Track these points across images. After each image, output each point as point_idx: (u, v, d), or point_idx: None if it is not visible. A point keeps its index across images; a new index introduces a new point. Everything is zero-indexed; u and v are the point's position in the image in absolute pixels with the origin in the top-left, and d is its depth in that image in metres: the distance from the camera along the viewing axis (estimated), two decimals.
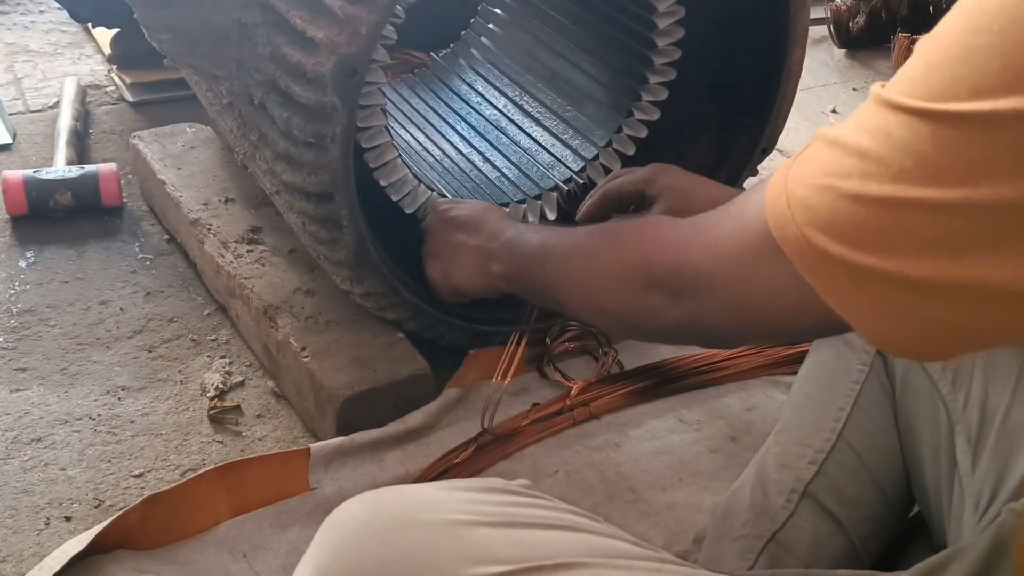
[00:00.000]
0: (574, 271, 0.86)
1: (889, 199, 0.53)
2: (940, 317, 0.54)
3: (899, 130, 0.53)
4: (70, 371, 1.28)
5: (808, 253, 0.57)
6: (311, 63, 0.98)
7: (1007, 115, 0.49)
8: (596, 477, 1.16)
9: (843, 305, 0.58)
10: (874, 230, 0.54)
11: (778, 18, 1.24)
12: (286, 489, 1.07)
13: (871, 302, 0.56)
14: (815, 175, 0.57)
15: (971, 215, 0.51)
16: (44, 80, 1.97)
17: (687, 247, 0.70)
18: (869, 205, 0.54)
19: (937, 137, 0.51)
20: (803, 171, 0.59)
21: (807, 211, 0.57)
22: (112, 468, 1.14)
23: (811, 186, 0.57)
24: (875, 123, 0.55)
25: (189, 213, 1.41)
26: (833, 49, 2.46)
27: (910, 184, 0.52)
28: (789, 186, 0.59)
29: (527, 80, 1.55)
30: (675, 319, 0.72)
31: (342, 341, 1.19)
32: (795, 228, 0.58)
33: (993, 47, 0.50)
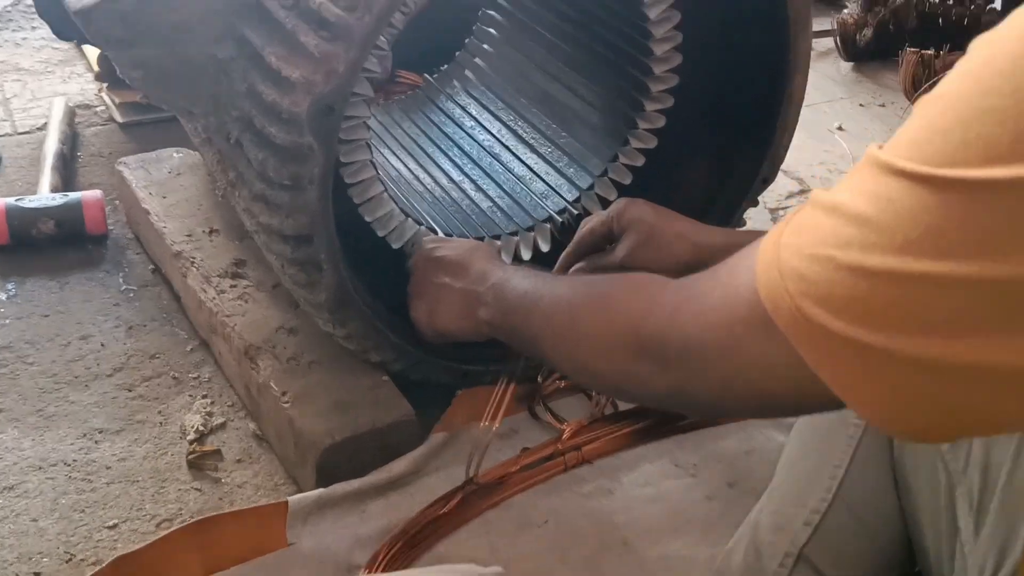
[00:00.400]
0: (559, 328, 0.82)
1: (894, 272, 0.49)
2: (949, 400, 0.50)
3: (903, 197, 0.49)
4: (46, 412, 1.24)
5: (803, 327, 0.53)
6: (286, 102, 0.94)
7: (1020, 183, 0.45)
8: (587, 526, 1.12)
9: (841, 384, 0.54)
10: (877, 305, 0.50)
11: (778, 44, 1.19)
12: (262, 545, 1.02)
13: (872, 381, 0.52)
14: (811, 244, 0.53)
15: (985, 292, 0.47)
16: (33, 100, 1.94)
17: (676, 315, 0.66)
18: (871, 278, 0.50)
19: (946, 206, 0.47)
20: (797, 239, 0.55)
21: (802, 282, 0.53)
22: (85, 519, 1.10)
23: (806, 256, 0.53)
24: (875, 188, 0.51)
25: (172, 245, 1.37)
26: (840, 63, 2.40)
27: (917, 256, 0.48)
28: (782, 254, 0.55)
29: (521, 103, 1.51)
30: (663, 388, 0.68)
31: (324, 384, 1.15)
32: (789, 300, 0.54)
33: (1006, 110, 0.46)
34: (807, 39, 1.19)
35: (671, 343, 0.66)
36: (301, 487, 1.14)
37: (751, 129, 1.29)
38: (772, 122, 1.25)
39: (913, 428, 0.53)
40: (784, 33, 1.17)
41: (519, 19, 1.51)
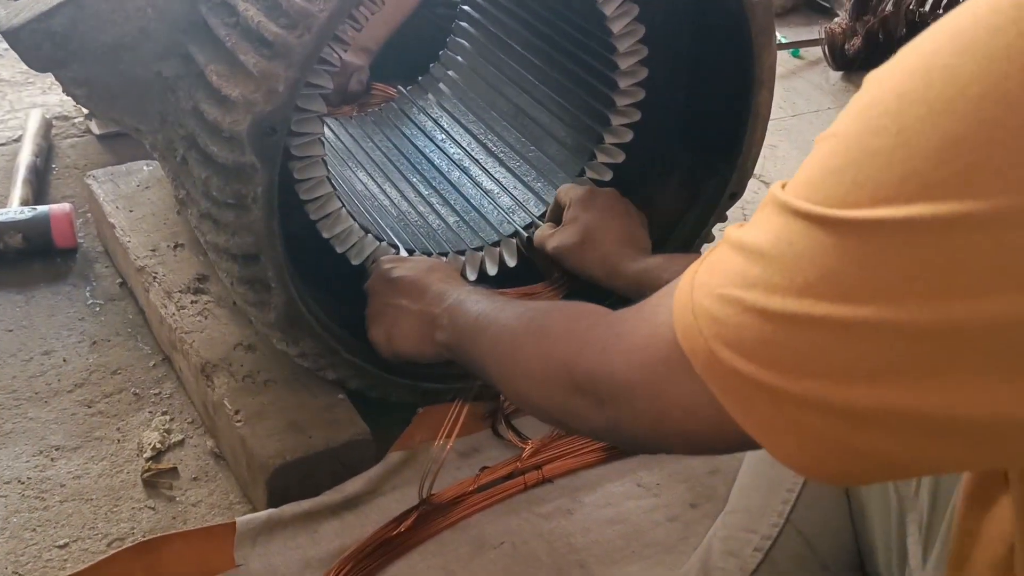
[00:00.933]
0: (502, 357, 0.81)
1: (796, 316, 0.48)
2: (860, 445, 0.49)
3: (800, 238, 0.48)
4: (4, 429, 1.23)
5: (716, 369, 0.53)
6: (227, 121, 0.93)
7: (913, 225, 0.44)
8: (544, 549, 1.10)
9: (755, 426, 0.52)
10: (782, 348, 0.49)
11: (742, 59, 1.17)
12: (209, 566, 1.01)
13: (783, 425, 0.51)
14: (720, 284, 0.52)
15: (884, 337, 0.45)
16: (11, 111, 1.93)
17: (607, 353, 0.65)
18: (775, 321, 0.49)
19: (840, 248, 0.46)
20: (709, 278, 0.54)
21: (714, 324, 0.52)
22: (36, 538, 1.09)
23: (716, 296, 0.52)
24: (777, 228, 0.49)
25: (136, 260, 1.36)
26: (828, 72, 2.38)
27: (816, 299, 0.47)
28: (695, 295, 0.54)
29: (492, 117, 1.49)
30: (601, 425, 0.67)
31: (278, 403, 1.14)
32: (703, 342, 0.53)
33: (893, 151, 0.45)
34: (772, 53, 1.17)
35: (601, 381, 0.65)
36: (256, 507, 1.12)
37: (719, 144, 1.27)
38: (739, 137, 1.23)
39: (827, 472, 0.52)
40: (748, 47, 1.15)
41: (492, 32, 1.50)
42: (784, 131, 2.11)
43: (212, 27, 0.94)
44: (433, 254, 1.27)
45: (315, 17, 0.89)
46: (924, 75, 0.44)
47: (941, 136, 0.43)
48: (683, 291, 0.56)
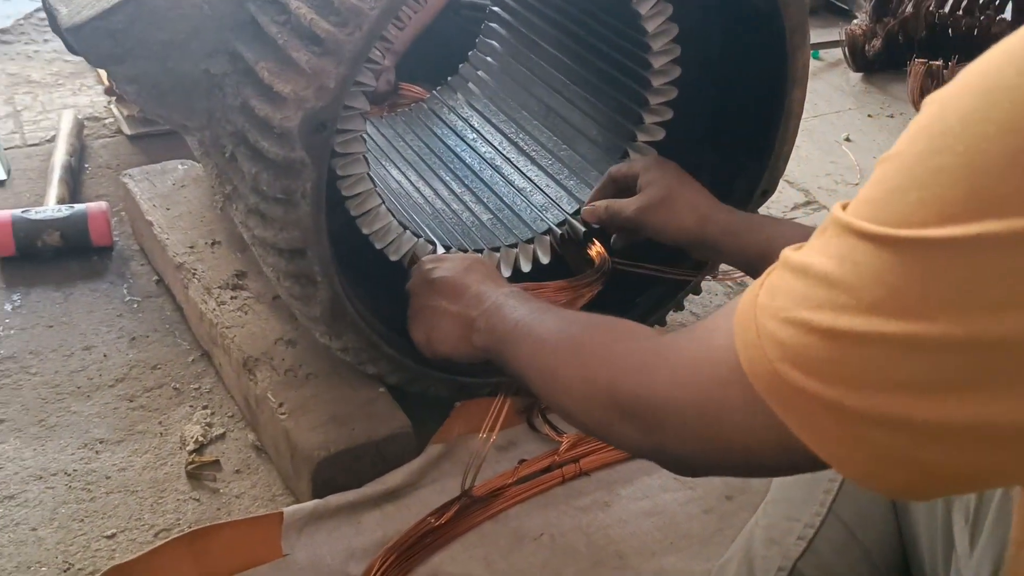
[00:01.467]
0: (541, 371, 0.82)
1: (863, 334, 0.49)
2: (923, 458, 0.50)
3: (866, 258, 0.50)
4: (48, 422, 1.25)
5: (782, 389, 0.54)
6: (278, 117, 0.95)
7: (980, 241, 0.45)
8: (582, 541, 1.11)
9: (821, 444, 0.54)
10: (851, 366, 0.50)
11: (776, 58, 1.19)
12: (257, 556, 1.03)
13: (849, 441, 0.52)
14: (784, 307, 0.54)
15: (952, 351, 0.47)
16: (43, 112, 1.95)
17: (651, 375, 0.67)
18: (842, 340, 0.50)
19: (906, 266, 0.48)
20: (772, 301, 0.55)
21: (779, 346, 0.54)
22: (84, 528, 1.11)
23: (781, 319, 0.54)
24: (841, 250, 0.51)
25: (175, 257, 1.38)
26: (848, 73, 2.39)
27: (885, 318, 0.48)
28: (759, 318, 0.56)
29: (523, 116, 1.51)
30: (643, 448, 0.68)
31: (320, 397, 1.16)
32: (767, 364, 0.54)
33: (957, 170, 0.46)
34: (805, 52, 1.19)
35: (647, 406, 0.66)
36: (298, 498, 1.14)
37: (751, 142, 1.28)
38: (771, 135, 1.25)
39: (892, 486, 0.54)
40: (782, 46, 1.17)
41: (522, 33, 1.52)
42: (806, 132, 2.12)
43: (262, 25, 0.96)
44: (469, 250, 1.28)
45: (366, 15, 0.90)
46: (988, 95, 0.46)
47: (1006, 153, 0.44)
48: (744, 314, 0.57)
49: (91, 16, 0.85)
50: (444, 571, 1.07)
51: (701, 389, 0.61)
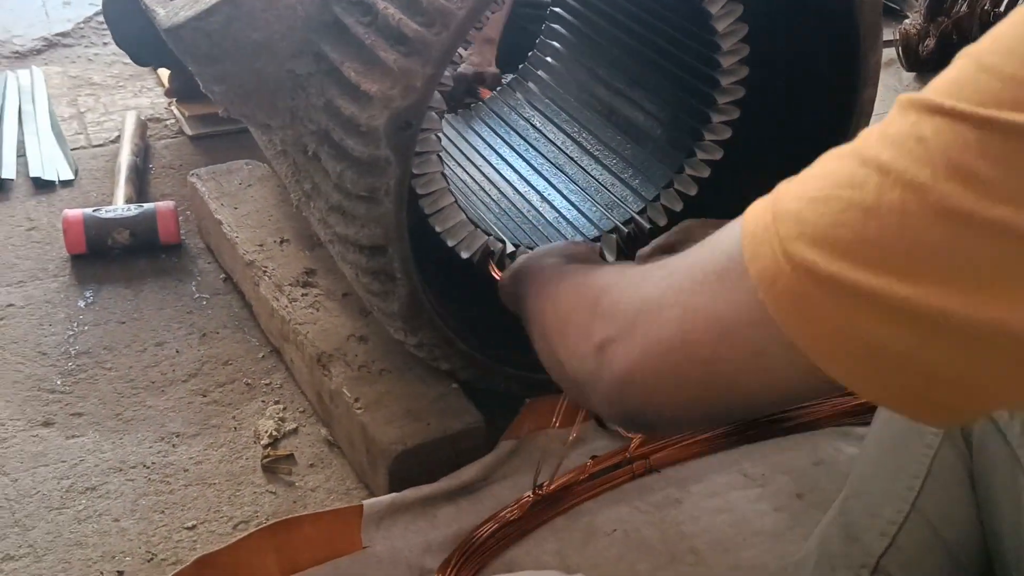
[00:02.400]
0: (540, 311, 0.77)
1: (912, 211, 0.44)
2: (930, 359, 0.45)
3: (937, 135, 0.44)
4: (125, 416, 1.27)
5: (783, 272, 0.47)
6: (364, 116, 0.96)
7: None
8: (655, 536, 1.12)
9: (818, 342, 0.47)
10: (893, 247, 0.45)
11: (848, 58, 1.19)
12: (337, 548, 1.05)
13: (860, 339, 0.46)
14: (818, 187, 0.48)
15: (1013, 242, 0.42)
16: (106, 114, 1.99)
17: (643, 279, 0.60)
18: (886, 216, 0.45)
19: (987, 146, 0.43)
20: (802, 185, 0.50)
21: (797, 224, 0.47)
22: (164, 519, 1.13)
23: (810, 198, 0.48)
24: (903, 129, 0.46)
25: (245, 255, 1.41)
26: (901, 73, 2.38)
27: (943, 196, 0.43)
28: (779, 200, 0.50)
29: (586, 116, 1.52)
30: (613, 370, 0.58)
31: (395, 392, 1.17)
32: (776, 244, 0.48)
33: None
34: (877, 53, 1.19)
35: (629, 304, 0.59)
36: (373, 492, 1.16)
37: (819, 142, 1.28)
38: (841, 135, 1.25)
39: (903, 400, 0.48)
40: (855, 47, 1.17)
41: (584, 33, 1.53)
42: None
43: (348, 26, 0.98)
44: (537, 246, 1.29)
45: (453, 15, 0.92)
46: None
47: None
48: (761, 201, 0.52)
49: (189, 17, 0.87)
50: (519, 565, 1.08)
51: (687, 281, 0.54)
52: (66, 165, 1.78)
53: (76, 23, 2.33)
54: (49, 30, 2.30)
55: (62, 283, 1.51)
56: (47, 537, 1.10)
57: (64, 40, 2.28)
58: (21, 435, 1.23)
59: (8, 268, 1.53)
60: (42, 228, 1.62)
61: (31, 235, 1.61)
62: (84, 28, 2.33)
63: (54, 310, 1.45)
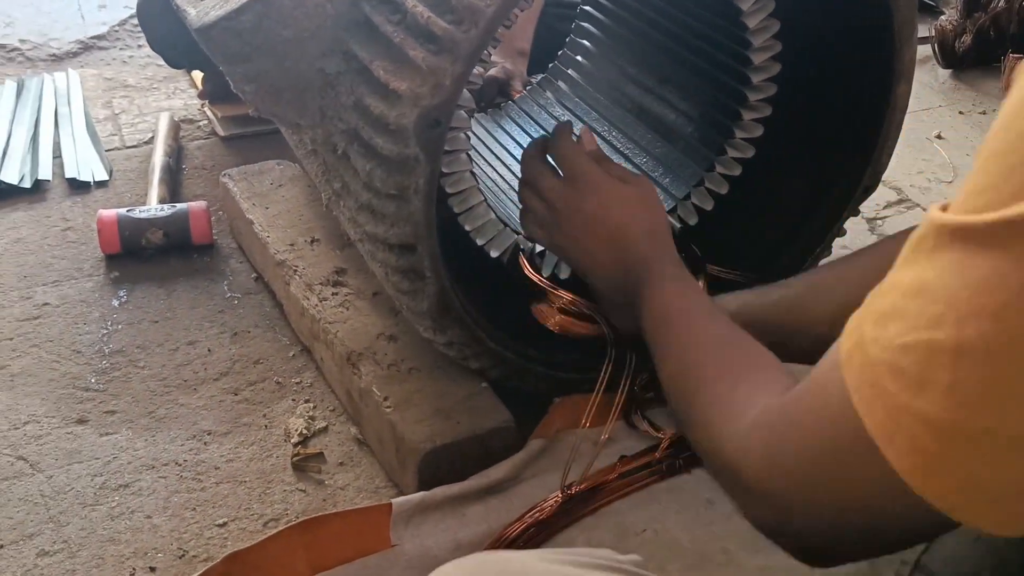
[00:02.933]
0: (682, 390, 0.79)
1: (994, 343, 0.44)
2: None
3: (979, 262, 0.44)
4: (157, 414, 1.28)
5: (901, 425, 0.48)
6: (393, 115, 0.96)
7: None
8: (686, 537, 1.11)
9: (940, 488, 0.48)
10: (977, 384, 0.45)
11: (881, 53, 1.17)
12: (366, 546, 1.05)
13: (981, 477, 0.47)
14: (899, 332, 0.48)
15: None
16: (140, 115, 2.01)
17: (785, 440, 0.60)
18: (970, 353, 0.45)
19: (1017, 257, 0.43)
20: (884, 331, 0.50)
21: (901, 376, 0.48)
22: (196, 517, 1.14)
23: (898, 346, 0.48)
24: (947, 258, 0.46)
25: (276, 254, 1.41)
26: (937, 70, 2.35)
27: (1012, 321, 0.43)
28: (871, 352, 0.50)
29: (615, 115, 1.51)
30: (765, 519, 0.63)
31: (424, 391, 1.17)
32: (890, 399, 0.49)
33: None
34: (912, 47, 1.17)
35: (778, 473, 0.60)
36: (402, 490, 1.16)
37: (852, 137, 1.27)
38: (875, 130, 1.23)
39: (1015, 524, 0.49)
40: (889, 42, 1.16)
41: (614, 31, 1.52)
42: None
43: (376, 24, 0.98)
44: None
45: (482, 12, 0.92)
46: None
47: None
48: (854, 356, 0.52)
49: (219, 16, 0.88)
50: None
51: (827, 450, 0.55)
52: (101, 166, 1.80)
53: (111, 26, 2.36)
54: (85, 33, 2.33)
55: (96, 282, 1.52)
56: (81, 533, 1.11)
57: (99, 43, 2.31)
58: (56, 432, 1.24)
59: (44, 268, 1.55)
60: (77, 228, 1.64)
61: (67, 235, 1.63)
62: (119, 31, 2.35)
63: (89, 309, 1.46)
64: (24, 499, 1.15)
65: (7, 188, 1.72)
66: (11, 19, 2.39)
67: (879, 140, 1.24)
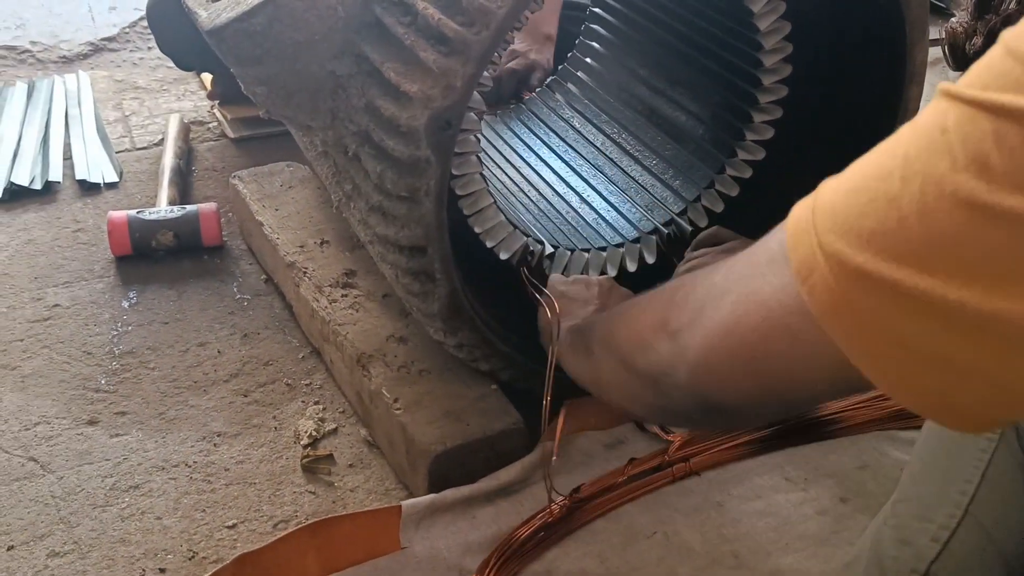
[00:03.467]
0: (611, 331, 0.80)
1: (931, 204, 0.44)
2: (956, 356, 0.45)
3: (958, 126, 0.45)
4: (168, 416, 1.29)
5: (818, 264, 0.49)
6: (404, 117, 0.96)
7: None
8: (696, 540, 1.11)
9: (849, 335, 0.48)
10: (911, 238, 0.45)
11: (893, 55, 1.17)
12: (376, 548, 1.05)
13: (885, 333, 0.47)
14: (853, 179, 0.50)
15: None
16: (150, 117, 2.02)
17: (713, 270, 0.63)
18: (906, 207, 0.45)
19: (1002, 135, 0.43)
20: (841, 178, 0.51)
21: (831, 216, 0.49)
22: (206, 518, 1.14)
23: (845, 190, 0.49)
24: (930, 119, 0.47)
25: (286, 256, 1.42)
26: (948, 72, 2.33)
27: (958, 187, 0.44)
28: (820, 193, 0.52)
29: (626, 116, 1.51)
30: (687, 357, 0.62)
31: (434, 392, 1.17)
32: (812, 235, 0.50)
33: None
34: (924, 49, 1.17)
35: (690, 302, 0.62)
36: (412, 492, 1.16)
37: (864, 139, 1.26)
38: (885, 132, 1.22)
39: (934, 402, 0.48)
40: (900, 43, 1.15)
41: (624, 33, 1.52)
42: None
43: (387, 26, 0.98)
44: (576, 249, 1.29)
45: (494, 14, 0.92)
46: None
47: None
48: (806, 198, 0.53)
49: (231, 18, 0.88)
50: (558, 567, 1.08)
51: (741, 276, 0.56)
52: (111, 168, 1.80)
53: (121, 28, 2.37)
54: (95, 35, 2.34)
55: (107, 284, 1.53)
56: (91, 534, 1.11)
57: (110, 45, 2.31)
58: (67, 433, 1.25)
59: (55, 269, 1.55)
60: (88, 230, 1.65)
61: (77, 236, 1.63)
62: (129, 33, 2.36)
63: (99, 311, 1.47)
64: (35, 500, 1.15)
65: (18, 189, 1.72)
66: (22, 21, 2.40)
67: None
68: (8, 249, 1.59)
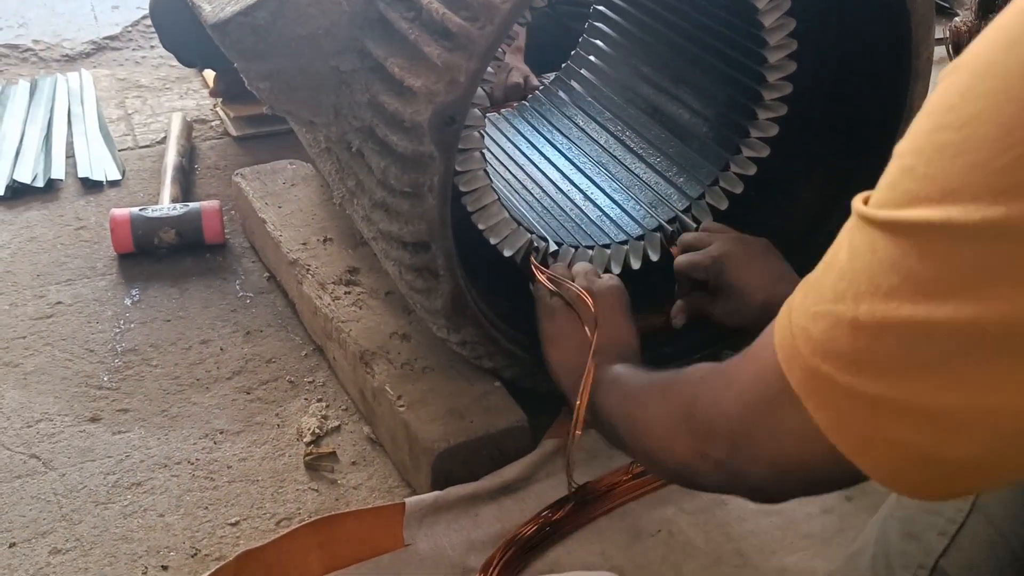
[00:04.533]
0: (628, 416, 0.86)
1: (883, 321, 0.50)
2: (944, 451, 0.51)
3: (883, 245, 0.50)
4: (170, 413, 1.28)
5: (813, 385, 0.55)
6: (408, 112, 0.96)
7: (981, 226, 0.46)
8: (700, 538, 1.10)
9: (848, 441, 0.55)
10: (872, 354, 0.51)
11: (898, 52, 1.17)
12: (379, 545, 1.04)
13: (876, 438, 0.53)
14: (814, 301, 0.55)
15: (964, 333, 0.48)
16: (153, 115, 2.01)
17: (720, 398, 0.68)
18: (864, 328, 0.51)
19: (916, 248, 0.49)
20: (804, 299, 0.57)
21: (810, 341, 0.55)
22: (209, 515, 1.14)
23: (812, 314, 0.55)
24: (860, 240, 0.52)
25: (288, 253, 1.41)
26: None
27: (900, 302, 0.50)
28: (793, 317, 0.57)
29: (629, 114, 1.50)
30: (723, 480, 0.70)
31: (438, 390, 1.17)
32: (801, 360, 0.56)
33: (956, 145, 0.47)
34: (929, 46, 1.16)
35: (719, 429, 0.67)
36: (415, 490, 1.15)
37: (869, 137, 1.26)
38: (891, 129, 1.23)
39: (913, 484, 0.54)
40: (906, 40, 1.15)
41: (628, 31, 1.52)
42: None
43: (391, 21, 0.98)
44: (580, 247, 1.28)
45: (498, 9, 0.91)
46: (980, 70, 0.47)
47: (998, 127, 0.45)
48: (782, 319, 0.59)
49: (235, 12, 0.88)
50: (562, 565, 1.07)
51: (759, 404, 0.62)
52: (114, 166, 1.80)
53: (124, 27, 2.37)
54: (98, 34, 2.34)
55: (110, 281, 1.52)
56: (94, 531, 1.11)
57: (112, 43, 2.31)
58: (69, 430, 1.24)
59: (58, 266, 1.55)
60: (90, 227, 1.65)
61: (80, 234, 1.63)
62: (132, 32, 2.36)
63: (102, 308, 1.46)
64: (37, 497, 1.15)
65: (21, 187, 1.72)
66: (25, 20, 2.40)
67: (895, 138, 1.22)
68: (10, 247, 1.59)
